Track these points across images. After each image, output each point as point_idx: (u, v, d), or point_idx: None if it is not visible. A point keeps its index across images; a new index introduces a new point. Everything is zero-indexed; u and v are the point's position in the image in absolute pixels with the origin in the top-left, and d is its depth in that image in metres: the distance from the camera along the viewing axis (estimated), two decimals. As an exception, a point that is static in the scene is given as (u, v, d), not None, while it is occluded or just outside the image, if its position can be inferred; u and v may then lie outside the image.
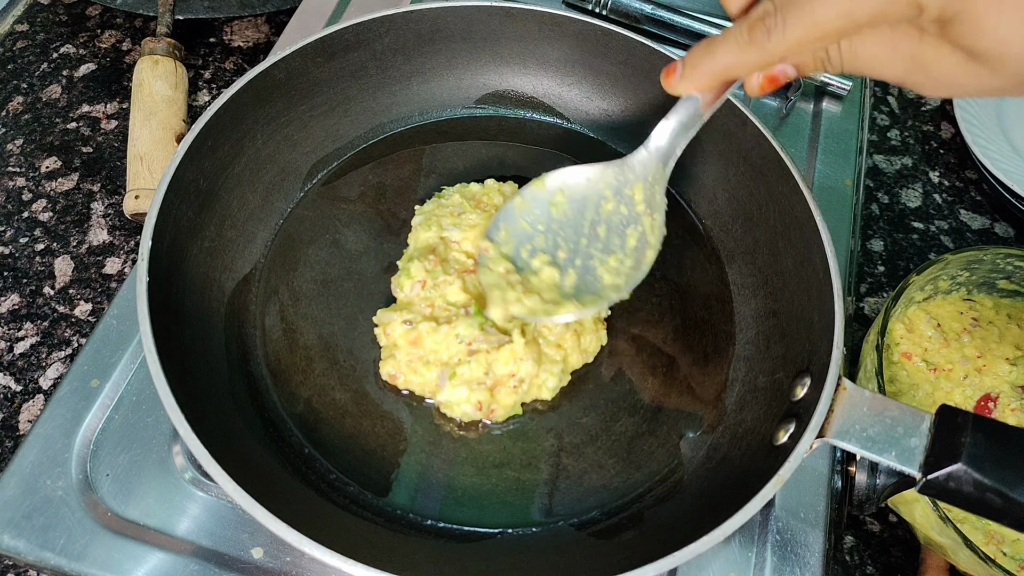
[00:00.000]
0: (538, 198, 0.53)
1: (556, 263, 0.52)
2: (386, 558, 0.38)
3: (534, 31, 0.64)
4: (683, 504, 0.48)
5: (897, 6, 0.32)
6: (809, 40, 0.34)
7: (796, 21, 0.34)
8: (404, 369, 0.51)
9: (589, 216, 0.52)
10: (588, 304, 0.49)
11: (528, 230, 0.53)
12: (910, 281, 0.59)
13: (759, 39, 0.35)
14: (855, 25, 0.33)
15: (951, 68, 0.33)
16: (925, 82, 0.35)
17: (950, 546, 0.51)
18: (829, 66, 0.38)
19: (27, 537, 0.48)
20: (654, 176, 0.49)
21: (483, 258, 0.52)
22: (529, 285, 0.51)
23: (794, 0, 0.34)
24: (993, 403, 0.60)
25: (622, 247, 0.51)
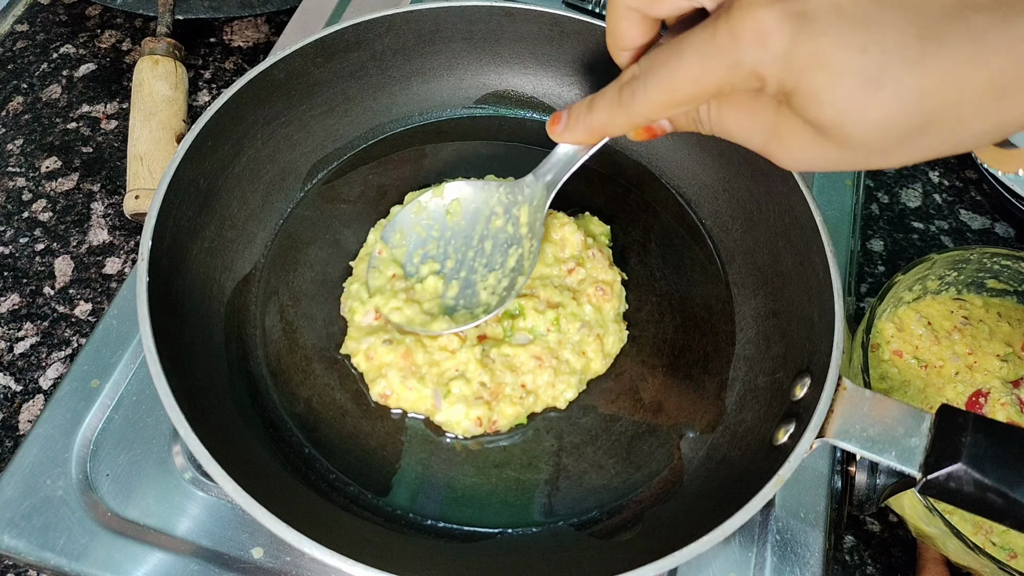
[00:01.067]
0: (436, 205, 0.56)
1: (443, 273, 0.54)
2: (386, 558, 0.38)
3: (534, 31, 0.64)
4: (683, 504, 0.48)
5: (739, 76, 0.32)
6: (669, 103, 0.36)
7: (655, 87, 0.36)
8: (397, 387, 0.51)
9: (479, 229, 0.55)
10: (459, 322, 0.51)
11: (422, 235, 0.55)
12: (896, 280, 0.60)
13: (626, 101, 0.38)
14: (706, 92, 0.34)
15: (804, 141, 0.34)
16: (782, 154, 0.36)
17: (939, 536, 0.51)
18: (700, 127, 0.40)
19: (27, 537, 0.48)
20: (538, 202, 0.52)
21: (374, 259, 0.54)
22: (412, 294, 0.53)
23: (653, 67, 0.35)
24: (984, 398, 0.60)
25: (503, 265, 0.53)
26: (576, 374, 0.52)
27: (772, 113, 0.35)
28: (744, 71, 0.32)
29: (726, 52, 0.32)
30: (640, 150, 0.66)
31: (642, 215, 0.62)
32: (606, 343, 0.54)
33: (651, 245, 0.61)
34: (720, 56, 0.32)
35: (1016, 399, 0.60)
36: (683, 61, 0.34)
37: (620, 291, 0.57)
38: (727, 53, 0.32)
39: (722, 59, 0.32)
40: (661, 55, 0.35)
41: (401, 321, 0.51)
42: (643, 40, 0.40)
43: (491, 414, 0.50)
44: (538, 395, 0.52)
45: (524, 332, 0.53)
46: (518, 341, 0.53)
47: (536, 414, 0.52)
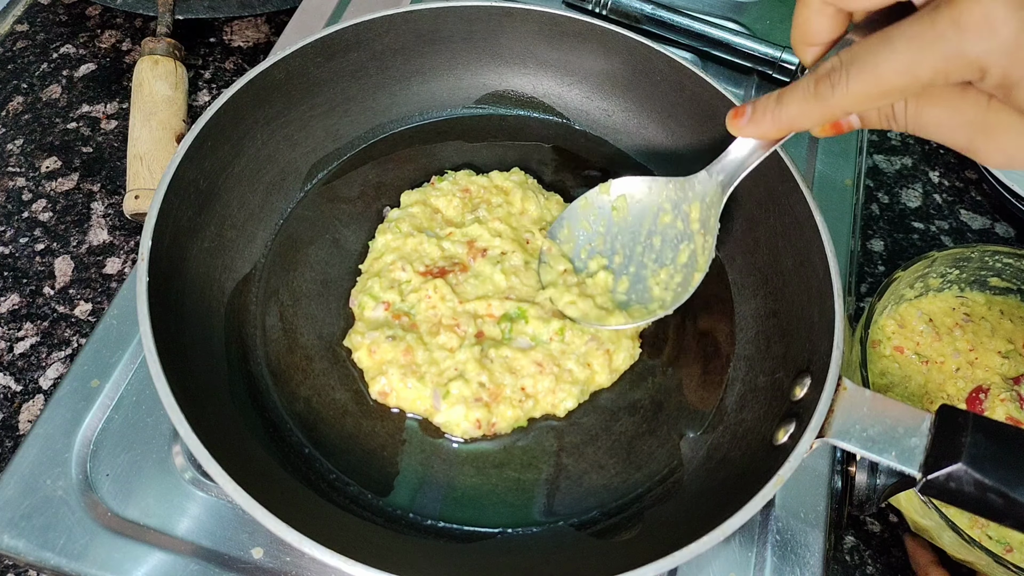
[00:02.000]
0: (601, 201, 0.56)
1: (611, 268, 0.55)
2: (386, 558, 0.38)
3: (534, 31, 0.64)
4: (683, 504, 0.48)
5: (958, 66, 0.31)
6: (872, 96, 0.34)
7: (859, 77, 0.34)
8: (397, 385, 0.51)
9: (647, 225, 0.55)
10: (636, 316, 0.52)
11: (589, 230, 0.56)
12: (896, 277, 0.60)
13: (824, 93, 0.36)
14: (917, 83, 0.33)
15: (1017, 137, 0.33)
16: (990, 151, 0.35)
17: (935, 530, 0.52)
18: (894, 124, 0.38)
19: (27, 537, 0.48)
20: (711, 199, 0.51)
21: (544, 255, 0.55)
22: (584, 288, 0.54)
23: (859, 56, 0.34)
24: (984, 395, 0.60)
25: (673, 261, 0.53)
26: (578, 384, 0.52)
27: (981, 108, 0.34)
28: (965, 61, 0.31)
29: (947, 41, 0.31)
30: (641, 150, 0.66)
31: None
32: (615, 359, 0.54)
33: (651, 245, 0.61)
34: (939, 45, 0.31)
35: (1016, 395, 0.60)
36: (895, 51, 0.32)
37: None
38: (948, 42, 0.31)
39: (941, 48, 0.31)
40: (868, 45, 0.34)
41: (576, 315, 0.52)
42: (833, 35, 0.39)
43: (490, 416, 0.50)
44: (537, 400, 0.51)
45: (525, 337, 0.53)
46: (519, 345, 0.53)
47: (535, 419, 0.52)
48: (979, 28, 0.30)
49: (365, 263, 0.57)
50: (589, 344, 0.53)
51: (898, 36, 0.32)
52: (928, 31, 0.31)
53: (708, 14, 0.79)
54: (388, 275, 0.55)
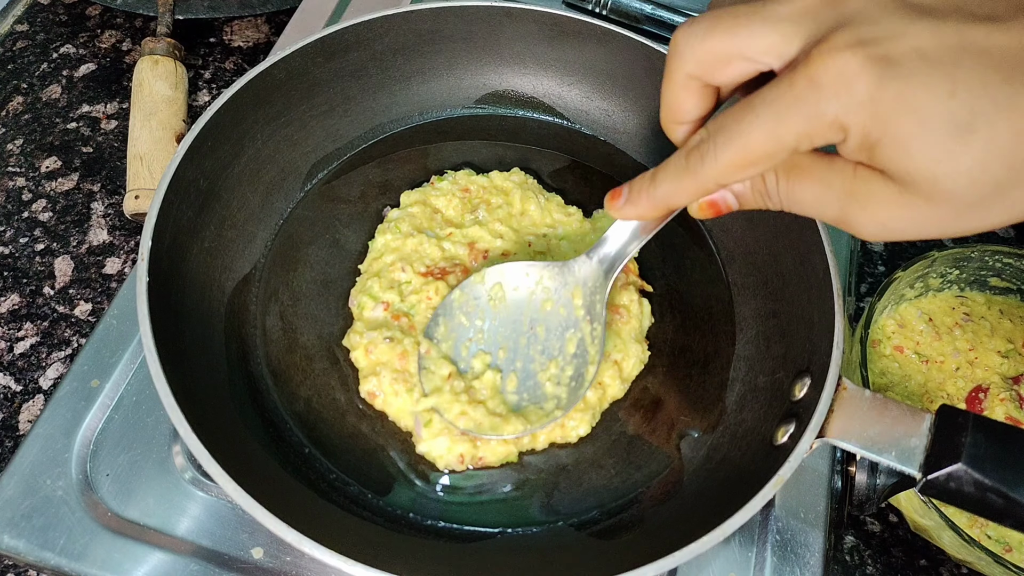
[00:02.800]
0: (477, 292, 0.52)
1: (497, 365, 0.51)
2: (386, 558, 0.38)
3: (534, 31, 0.64)
4: (683, 504, 0.48)
5: (819, 127, 0.31)
6: (741, 165, 0.34)
7: (726, 146, 0.33)
8: (386, 388, 0.50)
9: (528, 314, 0.52)
10: (533, 421, 0.48)
11: (466, 324, 0.52)
12: (896, 276, 0.60)
13: (694, 166, 0.35)
14: (783, 148, 0.32)
15: (888, 201, 0.32)
16: (864, 220, 0.33)
17: (935, 529, 0.52)
18: (769, 202, 0.37)
19: (27, 537, 0.48)
20: (594, 285, 0.50)
21: (423, 359, 0.51)
22: (473, 394, 0.49)
23: (724, 126, 0.33)
24: (984, 394, 0.60)
25: (561, 351, 0.51)
26: (590, 410, 0.51)
27: (849, 177, 0.33)
28: (826, 121, 0.30)
29: (806, 101, 0.30)
30: (640, 150, 0.66)
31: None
32: (625, 367, 0.53)
33: (651, 245, 0.60)
34: (799, 106, 0.31)
35: (1016, 395, 0.60)
36: (757, 116, 0.32)
37: (641, 310, 0.55)
38: (807, 103, 0.30)
39: (801, 109, 0.31)
40: (732, 114, 0.33)
41: (470, 427, 0.48)
42: (701, 112, 0.38)
43: (475, 451, 0.49)
44: (535, 435, 0.50)
45: None
46: None
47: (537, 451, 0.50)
48: (835, 85, 0.30)
49: (365, 263, 0.57)
50: None
51: (759, 102, 0.32)
52: (787, 94, 0.31)
53: (708, 14, 0.79)
54: (388, 275, 0.55)
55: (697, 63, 0.35)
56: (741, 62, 0.34)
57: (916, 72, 0.29)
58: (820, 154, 0.34)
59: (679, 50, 0.36)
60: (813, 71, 0.30)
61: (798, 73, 0.30)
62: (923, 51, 0.29)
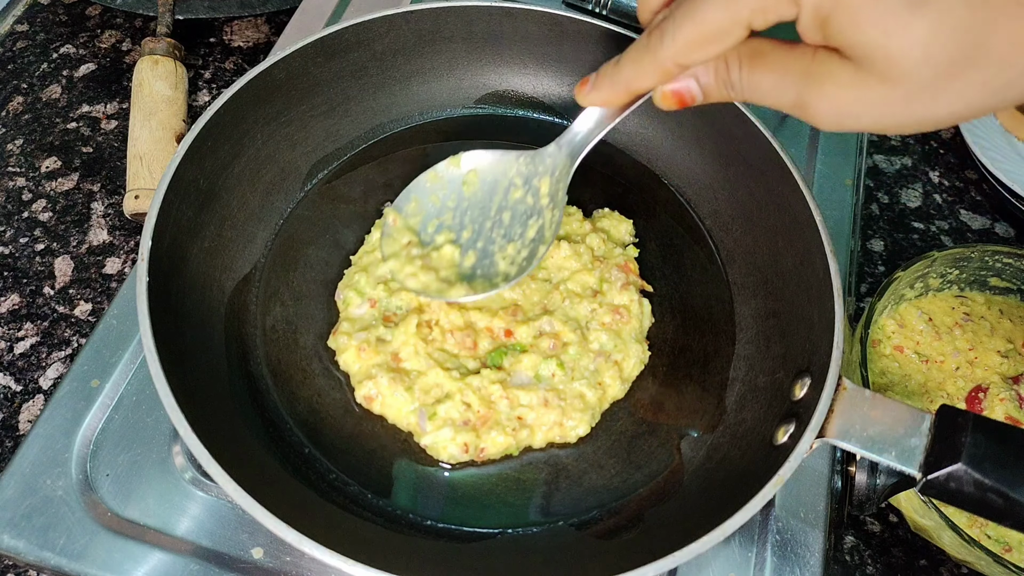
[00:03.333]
0: (451, 175, 0.53)
1: (459, 243, 0.52)
2: (386, 558, 0.38)
3: (534, 31, 0.64)
4: (683, 504, 0.48)
5: (772, 2, 0.31)
6: (698, 41, 0.34)
7: (684, 22, 0.34)
8: (385, 390, 0.50)
9: (497, 200, 0.53)
10: (478, 289, 0.50)
11: (437, 205, 0.53)
12: (896, 276, 0.60)
13: (654, 44, 0.36)
14: (739, 23, 0.33)
15: (843, 82, 0.32)
16: (820, 104, 0.34)
17: (935, 529, 0.52)
18: (732, 91, 0.37)
19: (27, 537, 0.48)
20: (560, 172, 0.50)
21: (388, 228, 0.52)
22: (428, 261, 0.51)
23: (683, 4, 0.34)
24: (984, 394, 0.60)
25: (522, 236, 0.51)
26: (589, 410, 0.51)
27: (808, 60, 0.33)
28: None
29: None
30: (640, 150, 0.66)
31: (642, 215, 0.62)
32: (625, 367, 0.53)
33: (651, 245, 0.61)
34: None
35: (1015, 395, 0.60)
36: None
37: (640, 311, 0.55)
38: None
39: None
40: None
41: (417, 287, 0.50)
42: None
43: (479, 441, 0.49)
44: (533, 431, 0.50)
45: (527, 373, 0.52)
46: (518, 382, 0.51)
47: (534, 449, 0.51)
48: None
49: (357, 254, 0.57)
50: (597, 360, 0.52)
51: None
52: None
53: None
54: (376, 270, 0.54)
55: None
56: None
57: None
58: (782, 41, 0.35)
59: None
60: None
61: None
62: None
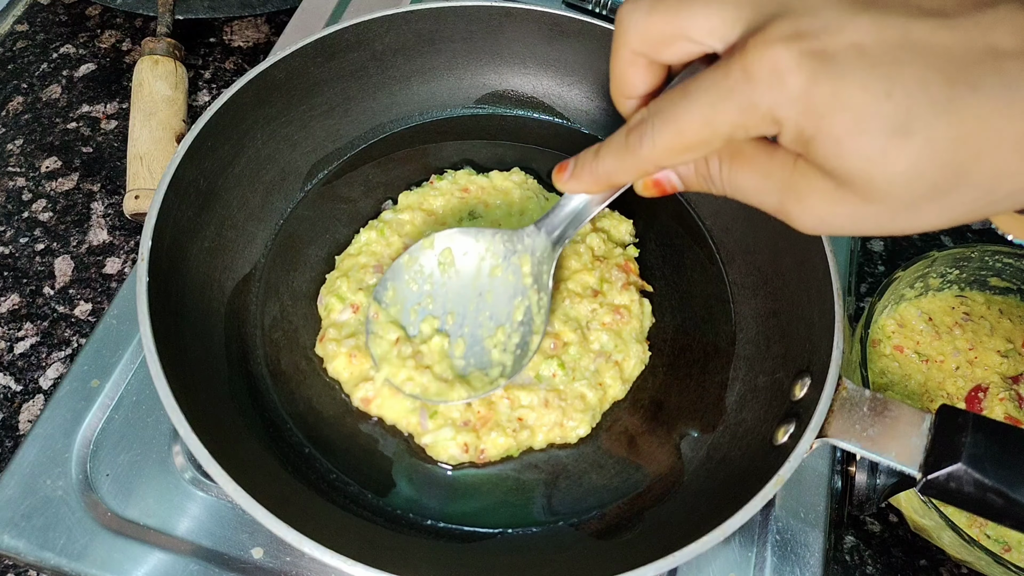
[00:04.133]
0: (426, 257, 0.52)
1: (445, 330, 0.51)
2: (386, 558, 0.38)
3: (534, 31, 0.64)
4: (683, 504, 0.48)
5: (753, 119, 0.30)
6: (677, 149, 0.33)
7: (663, 129, 0.33)
8: (383, 391, 0.50)
9: (477, 279, 0.52)
10: (477, 387, 0.49)
11: (416, 290, 0.52)
12: (896, 276, 0.60)
13: (633, 146, 0.35)
14: (718, 136, 0.32)
15: (824, 196, 0.32)
16: (801, 213, 0.33)
17: (935, 529, 0.52)
18: (712, 186, 0.37)
19: (27, 537, 0.48)
20: (542, 255, 0.50)
21: (371, 324, 0.51)
22: (420, 359, 0.50)
23: (662, 110, 0.33)
24: (983, 393, 0.60)
25: (509, 318, 0.51)
26: (590, 410, 0.51)
27: (788, 169, 0.33)
28: (759, 114, 0.30)
29: (739, 93, 0.30)
30: (640, 150, 0.66)
31: (642, 215, 0.62)
32: (626, 368, 0.53)
33: (651, 245, 0.61)
34: (733, 97, 0.30)
35: (1015, 395, 0.60)
36: (693, 103, 0.32)
37: (641, 311, 0.55)
38: (740, 94, 0.30)
39: (735, 100, 0.30)
40: (670, 97, 0.33)
41: (416, 392, 0.49)
42: (649, 87, 0.38)
43: (479, 442, 0.49)
44: (533, 431, 0.50)
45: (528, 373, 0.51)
46: (519, 382, 0.51)
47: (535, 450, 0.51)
48: (768, 79, 0.29)
49: (342, 255, 0.57)
50: (597, 361, 0.52)
51: (695, 88, 0.32)
52: (721, 83, 0.30)
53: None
54: (357, 276, 0.54)
55: (641, 41, 0.35)
56: (684, 42, 0.33)
57: (852, 69, 0.28)
58: (763, 143, 0.34)
59: (623, 27, 0.35)
60: (748, 62, 0.29)
61: (734, 62, 0.30)
62: (862, 47, 0.28)
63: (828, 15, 0.29)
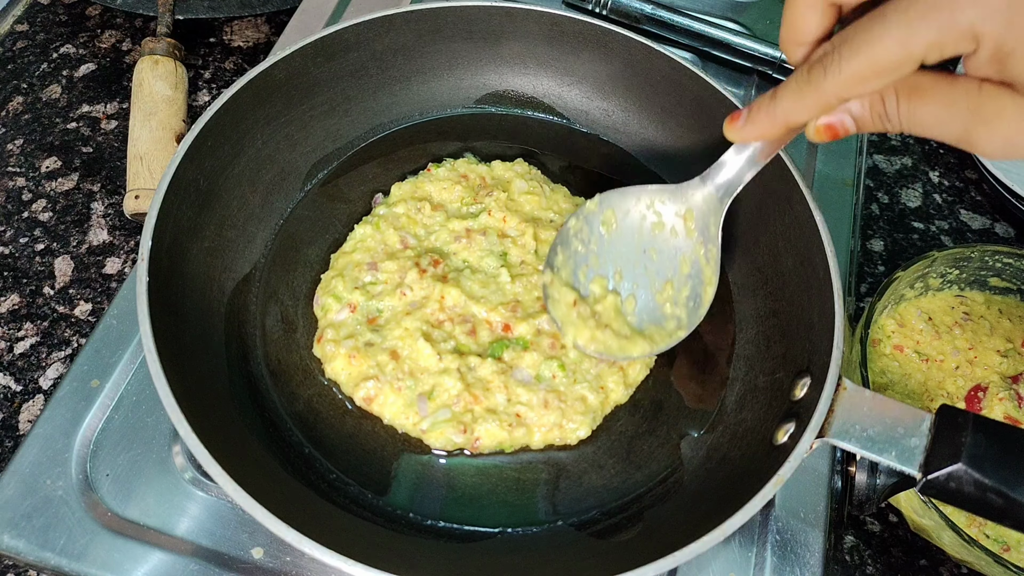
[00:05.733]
0: (590, 219, 0.53)
1: (616, 289, 0.52)
2: (386, 558, 0.38)
3: (534, 31, 0.64)
4: (683, 504, 0.48)
5: (952, 37, 0.30)
6: (865, 76, 0.33)
7: (852, 57, 0.33)
8: (384, 389, 0.50)
9: (640, 238, 0.53)
10: (658, 341, 0.50)
11: (582, 251, 0.53)
12: (896, 276, 0.60)
13: (816, 79, 0.35)
14: (911, 59, 0.32)
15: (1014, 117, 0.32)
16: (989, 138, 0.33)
17: (934, 529, 0.52)
18: (888, 123, 0.37)
19: (27, 537, 0.48)
20: (708, 207, 0.50)
21: (548, 288, 0.52)
22: (598, 318, 0.51)
23: (851, 36, 0.33)
24: (983, 393, 0.60)
25: (676, 273, 0.52)
26: (590, 412, 0.51)
27: (974, 95, 0.33)
28: (958, 30, 0.30)
29: (939, 11, 0.30)
30: (641, 150, 0.66)
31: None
32: (631, 372, 0.53)
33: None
34: (932, 16, 0.30)
35: (1014, 394, 0.60)
36: (888, 25, 0.31)
37: None
38: (942, 10, 0.30)
39: (935, 19, 0.30)
40: (860, 25, 0.33)
41: (601, 351, 0.50)
42: (821, 31, 0.38)
43: (475, 425, 0.49)
44: (531, 430, 0.50)
45: (528, 371, 0.52)
46: (520, 378, 0.51)
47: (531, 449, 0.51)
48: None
49: (337, 252, 0.57)
50: (600, 365, 0.52)
51: (891, 11, 0.32)
52: (921, 3, 0.30)
53: (708, 14, 0.79)
54: (352, 274, 0.54)
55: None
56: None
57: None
58: (942, 73, 0.34)
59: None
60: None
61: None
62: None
63: None
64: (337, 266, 0.56)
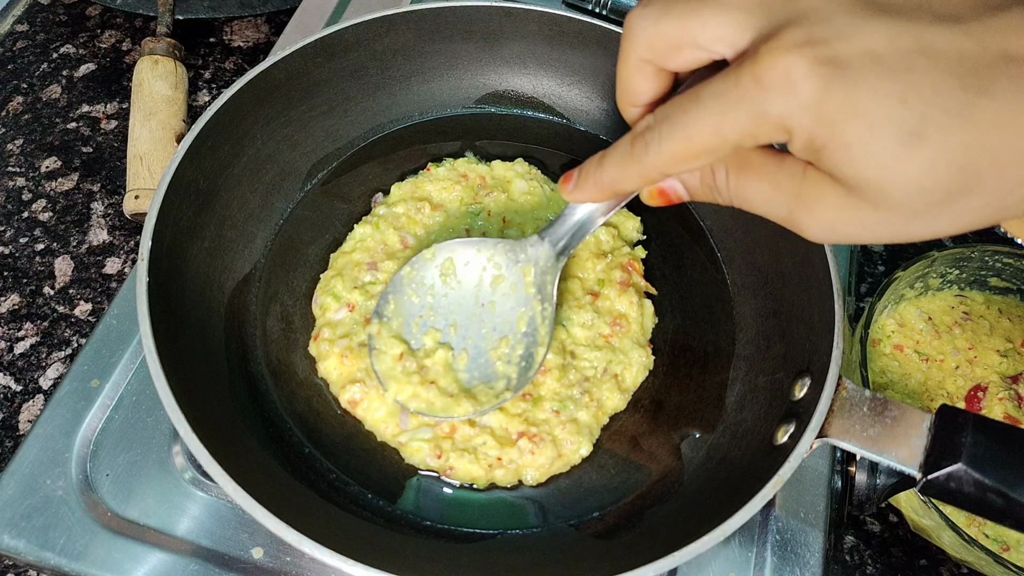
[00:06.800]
0: (427, 268, 0.51)
1: (448, 342, 0.50)
2: (386, 558, 0.38)
3: (534, 31, 0.64)
4: (683, 504, 0.48)
5: (763, 127, 0.30)
6: (684, 157, 0.33)
7: (671, 136, 0.33)
8: (371, 394, 0.50)
9: (479, 290, 0.51)
10: (483, 402, 0.48)
11: (416, 301, 0.51)
12: (896, 276, 0.60)
13: (639, 153, 0.34)
14: (726, 144, 0.31)
15: (834, 205, 0.31)
16: (811, 223, 0.33)
17: (934, 529, 0.52)
18: (718, 196, 0.36)
19: (27, 537, 0.48)
20: (546, 265, 0.49)
21: (374, 340, 0.50)
22: (426, 374, 0.49)
23: (670, 116, 0.33)
24: (983, 393, 0.60)
25: (512, 329, 0.50)
26: (585, 428, 0.50)
27: (798, 178, 0.32)
28: (769, 121, 0.29)
29: (750, 100, 0.29)
30: (640, 150, 0.66)
31: (642, 215, 0.62)
32: (627, 377, 0.52)
33: (651, 245, 0.61)
34: (744, 104, 0.30)
35: (1014, 394, 0.60)
36: (703, 109, 0.31)
37: (642, 312, 0.55)
38: (751, 101, 0.29)
39: (746, 107, 0.30)
40: (678, 103, 0.32)
41: (422, 408, 0.48)
42: (655, 95, 0.37)
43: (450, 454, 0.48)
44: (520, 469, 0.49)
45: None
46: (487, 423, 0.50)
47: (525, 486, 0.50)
48: (780, 86, 0.28)
49: (336, 252, 0.57)
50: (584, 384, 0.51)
51: (705, 94, 0.31)
52: (732, 89, 0.30)
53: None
54: (352, 274, 0.54)
55: (649, 48, 0.34)
56: (693, 49, 0.33)
57: (866, 76, 0.27)
58: (771, 152, 0.34)
59: (632, 33, 0.35)
60: (759, 69, 0.29)
61: (744, 69, 0.29)
62: (875, 53, 0.28)
63: (841, 22, 0.29)
64: (337, 266, 0.56)
